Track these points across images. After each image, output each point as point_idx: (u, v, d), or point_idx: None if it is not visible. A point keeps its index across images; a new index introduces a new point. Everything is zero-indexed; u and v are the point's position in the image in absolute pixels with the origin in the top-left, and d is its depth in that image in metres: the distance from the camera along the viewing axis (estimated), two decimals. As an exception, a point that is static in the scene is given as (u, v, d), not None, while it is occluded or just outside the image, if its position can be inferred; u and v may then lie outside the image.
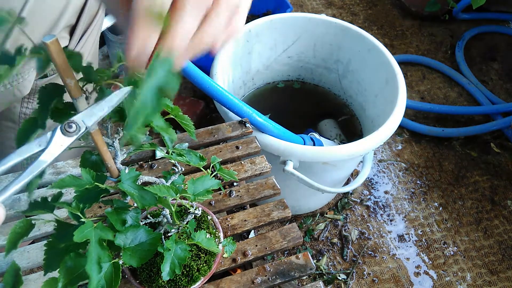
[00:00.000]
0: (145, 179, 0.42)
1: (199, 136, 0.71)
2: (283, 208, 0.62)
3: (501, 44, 1.73)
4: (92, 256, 0.34)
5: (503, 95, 1.54)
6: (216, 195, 0.63)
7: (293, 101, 1.28)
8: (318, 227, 1.17)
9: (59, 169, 0.65)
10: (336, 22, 1.11)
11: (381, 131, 0.89)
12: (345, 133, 1.18)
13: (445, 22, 1.79)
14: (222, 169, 0.50)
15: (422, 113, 1.46)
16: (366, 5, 1.87)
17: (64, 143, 0.31)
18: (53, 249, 0.37)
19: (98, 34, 0.74)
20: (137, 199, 0.38)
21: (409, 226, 1.19)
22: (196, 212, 0.47)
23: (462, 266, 1.12)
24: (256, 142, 0.70)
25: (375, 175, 1.30)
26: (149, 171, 0.65)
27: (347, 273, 1.09)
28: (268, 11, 1.47)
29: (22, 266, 0.55)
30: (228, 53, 1.03)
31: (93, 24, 0.68)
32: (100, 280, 0.35)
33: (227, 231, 0.59)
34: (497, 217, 1.23)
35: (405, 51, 1.68)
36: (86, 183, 0.35)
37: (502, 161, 1.35)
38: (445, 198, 1.26)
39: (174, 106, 0.41)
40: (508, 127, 1.37)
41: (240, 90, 1.19)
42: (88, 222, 0.35)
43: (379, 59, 1.05)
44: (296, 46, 1.19)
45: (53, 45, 0.28)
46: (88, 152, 0.40)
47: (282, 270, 0.55)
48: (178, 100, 1.36)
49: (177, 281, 0.49)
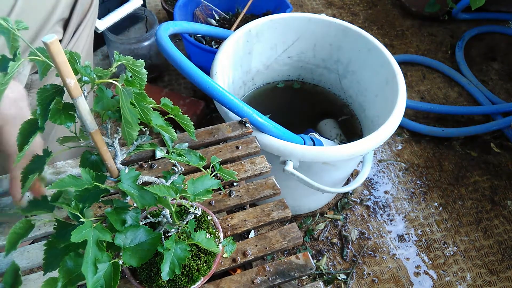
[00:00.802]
0: (145, 179, 0.42)
1: (199, 136, 0.71)
2: (283, 208, 0.62)
3: (501, 44, 1.73)
4: (89, 257, 0.34)
5: (503, 95, 1.54)
6: (216, 195, 0.63)
7: (293, 101, 1.28)
8: (318, 227, 1.17)
9: (58, 169, 0.65)
10: (336, 22, 1.11)
11: (381, 131, 0.89)
12: (345, 133, 1.18)
13: (445, 22, 1.79)
14: (222, 169, 0.50)
15: (422, 113, 1.46)
16: (366, 5, 1.87)
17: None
18: (53, 249, 0.37)
19: (92, 29, 0.74)
20: (137, 199, 0.38)
21: (409, 226, 1.19)
22: (196, 212, 0.47)
23: (462, 266, 1.12)
24: (256, 142, 0.70)
25: (375, 175, 1.30)
26: (149, 171, 0.65)
27: (347, 273, 1.09)
28: (268, 11, 1.47)
29: (22, 266, 0.55)
30: (228, 53, 1.03)
31: (86, 18, 0.68)
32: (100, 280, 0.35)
33: (227, 231, 0.59)
34: (497, 217, 1.23)
35: (405, 51, 1.68)
36: (86, 183, 0.35)
37: (502, 161, 1.35)
38: (445, 198, 1.26)
39: (174, 106, 0.41)
40: (508, 127, 1.37)
41: (240, 90, 1.19)
42: (87, 222, 0.35)
43: (379, 59, 1.05)
44: (296, 46, 1.19)
45: (53, 45, 0.28)
46: (87, 152, 0.40)
47: (282, 270, 0.55)
48: (178, 100, 1.36)
49: (177, 281, 0.49)
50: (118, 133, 0.40)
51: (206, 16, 1.47)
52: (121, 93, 0.33)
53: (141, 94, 0.34)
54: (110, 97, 0.35)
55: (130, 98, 0.33)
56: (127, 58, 0.34)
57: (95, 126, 0.35)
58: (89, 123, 0.34)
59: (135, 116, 0.33)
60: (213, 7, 1.46)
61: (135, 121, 0.33)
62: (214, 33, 1.12)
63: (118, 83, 0.34)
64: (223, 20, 1.47)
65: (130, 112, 0.33)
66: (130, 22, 1.43)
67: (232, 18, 1.48)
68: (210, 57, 1.04)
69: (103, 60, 1.53)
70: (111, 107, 0.35)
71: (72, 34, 0.66)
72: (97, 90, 0.35)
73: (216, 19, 1.47)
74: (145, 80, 0.36)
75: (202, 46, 1.27)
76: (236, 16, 1.48)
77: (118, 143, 0.40)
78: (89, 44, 0.75)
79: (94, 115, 0.35)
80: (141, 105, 0.34)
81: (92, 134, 0.35)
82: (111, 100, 0.35)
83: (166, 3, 1.54)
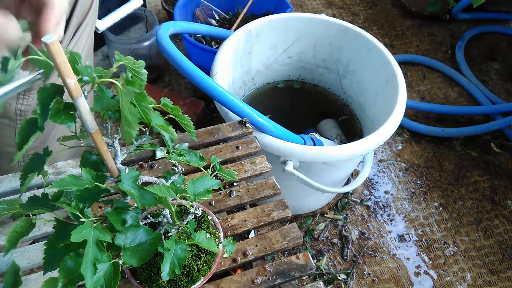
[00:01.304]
0: (145, 179, 0.42)
1: (199, 136, 0.71)
2: (283, 208, 0.62)
3: (501, 44, 1.73)
4: (88, 257, 0.34)
5: (503, 95, 1.54)
6: (216, 195, 0.63)
7: (293, 101, 1.28)
8: (318, 227, 1.17)
9: (59, 169, 0.65)
10: (336, 22, 1.11)
11: (381, 131, 0.89)
12: (345, 133, 1.18)
13: (445, 22, 1.78)
14: (222, 169, 0.50)
15: (422, 113, 1.46)
16: (366, 5, 1.87)
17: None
18: (53, 249, 0.37)
19: (92, 30, 0.74)
20: (137, 199, 0.38)
21: (409, 226, 1.19)
22: (196, 212, 0.47)
23: (462, 266, 1.12)
24: (256, 142, 0.70)
25: (375, 175, 1.30)
26: (149, 171, 0.65)
27: (347, 273, 1.09)
28: (268, 11, 1.47)
29: (22, 266, 0.55)
30: (228, 53, 1.03)
31: (86, 19, 0.68)
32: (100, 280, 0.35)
33: (227, 231, 0.59)
34: (497, 217, 1.23)
35: (405, 51, 1.68)
36: (86, 183, 0.35)
37: (502, 161, 1.35)
38: (445, 198, 1.26)
39: (174, 106, 0.41)
40: (508, 127, 1.37)
41: (240, 90, 1.19)
42: (87, 222, 0.35)
43: (379, 59, 1.05)
44: (296, 46, 1.19)
45: (53, 45, 0.28)
46: (88, 152, 0.40)
47: (282, 270, 0.55)
48: (178, 100, 1.36)
49: (177, 281, 0.49)
50: (118, 133, 0.40)
51: (206, 16, 1.47)
52: (121, 92, 0.33)
53: (141, 94, 0.34)
54: (111, 97, 0.35)
55: (131, 98, 0.33)
56: (128, 58, 0.34)
57: (95, 126, 0.35)
58: (89, 123, 0.34)
59: (135, 116, 0.33)
60: (213, 7, 1.46)
61: (135, 121, 0.34)
62: (214, 33, 1.12)
63: (118, 82, 0.34)
64: (223, 20, 1.47)
65: (130, 112, 0.33)
66: (130, 22, 1.43)
67: (232, 18, 1.48)
68: (210, 57, 1.04)
69: (103, 60, 1.53)
70: (111, 107, 0.35)
71: (72, 34, 0.66)
72: (97, 90, 0.35)
73: (216, 19, 1.47)
74: (145, 80, 0.36)
75: (202, 46, 1.27)
76: (236, 16, 1.48)
77: (118, 143, 0.40)
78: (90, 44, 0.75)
79: (94, 115, 0.35)
80: (141, 105, 0.34)
81: (92, 134, 0.35)
82: (111, 100, 0.35)
83: (166, 3, 1.54)
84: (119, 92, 0.33)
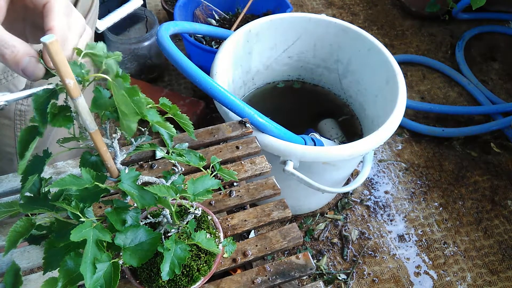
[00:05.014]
0: (145, 179, 0.42)
1: (199, 136, 0.71)
2: (283, 208, 0.62)
3: (501, 44, 1.73)
4: (88, 257, 0.34)
5: (503, 95, 1.54)
6: (216, 195, 0.63)
7: (293, 101, 1.28)
8: (318, 227, 1.17)
9: (59, 169, 0.65)
10: (336, 22, 1.11)
11: (381, 131, 0.89)
12: (345, 133, 1.18)
13: (445, 22, 1.78)
14: (222, 169, 0.50)
15: (422, 113, 1.46)
16: (366, 5, 1.87)
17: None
18: (53, 248, 0.37)
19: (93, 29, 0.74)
20: (137, 199, 0.38)
21: (409, 226, 1.19)
22: (196, 212, 0.47)
23: (463, 266, 1.12)
24: (256, 142, 0.70)
25: (375, 175, 1.30)
26: (149, 171, 0.65)
27: (347, 273, 1.09)
28: (268, 11, 1.47)
29: (22, 266, 0.55)
30: (228, 53, 1.03)
31: (87, 19, 0.68)
32: (99, 280, 0.35)
33: (227, 231, 0.59)
34: (497, 217, 1.23)
35: (405, 51, 1.68)
36: (86, 183, 0.35)
37: (502, 161, 1.35)
38: (445, 198, 1.26)
39: (172, 105, 0.41)
40: (508, 127, 1.37)
41: (240, 90, 1.19)
42: (87, 221, 0.35)
43: (379, 59, 1.05)
44: (296, 46, 1.19)
45: (52, 45, 0.28)
46: (87, 152, 0.40)
47: (282, 270, 0.55)
48: (178, 100, 1.36)
49: (177, 281, 0.49)
50: (117, 133, 0.40)
51: (206, 16, 1.47)
52: (112, 85, 0.33)
53: (133, 88, 0.33)
54: (108, 98, 0.35)
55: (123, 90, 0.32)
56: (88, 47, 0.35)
57: (95, 126, 0.35)
58: (89, 123, 0.34)
59: (130, 107, 0.33)
60: (213, 7, 1.46)
61: (131, 111, 0.33)
62: (214, 33, 1.12)
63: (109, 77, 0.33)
64: (223, 20, 1.47)
65: (125, 103, 0.33)
66: (130, 22, 1.43)
67: (232, 18, 1.48)
68: (210, 57, 1.04)
69: (103, 60, 1.53)
70: (109, 107, 0.35)
71: None
72: (94, 91, 0.35)
73: (216, 19, 1.47)
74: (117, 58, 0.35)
75: (202, 46, 1.27)
76: (236, 16, 1.48)
77: (117, 143, 0.40)
78: None
79: (94, 116, 0.35)
80: (134, 100, 0.33)
81: (92, 135, 0.35)
82: (109, 100, 0.35)
83: (166, 3, 1.54)
84: (111, 86, 0.33)
